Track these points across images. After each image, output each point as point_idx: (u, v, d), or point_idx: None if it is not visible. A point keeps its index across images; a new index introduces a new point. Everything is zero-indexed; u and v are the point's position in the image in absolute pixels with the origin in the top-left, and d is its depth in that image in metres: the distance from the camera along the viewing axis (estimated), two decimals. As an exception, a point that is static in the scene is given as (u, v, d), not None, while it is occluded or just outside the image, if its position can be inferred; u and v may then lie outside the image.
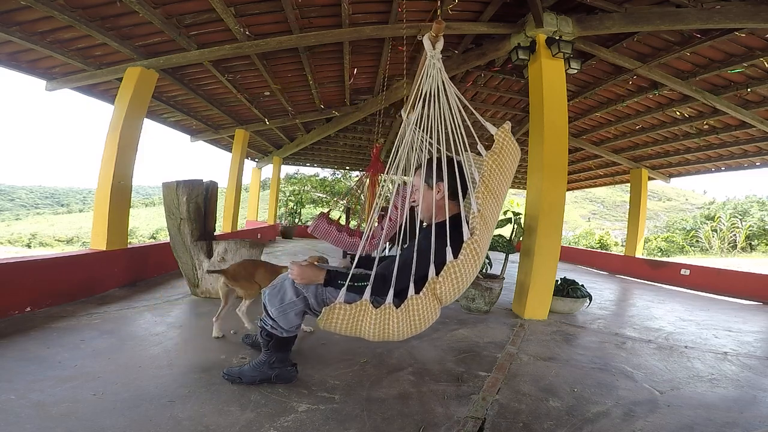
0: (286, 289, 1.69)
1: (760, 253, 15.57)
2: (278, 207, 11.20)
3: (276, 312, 1.69)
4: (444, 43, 1.73)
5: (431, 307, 1.51)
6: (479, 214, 1.48)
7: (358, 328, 1.55)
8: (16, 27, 3.20)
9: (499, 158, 1.55)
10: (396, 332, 1.53)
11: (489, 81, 5.53)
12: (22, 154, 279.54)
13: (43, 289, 2.80)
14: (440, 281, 1.47)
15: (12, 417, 1.44)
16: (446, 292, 1.49)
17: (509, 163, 1.59)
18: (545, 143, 3.49)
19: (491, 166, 1.53)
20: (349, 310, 1.52)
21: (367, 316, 1.51)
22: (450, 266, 1.45)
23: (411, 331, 1.54)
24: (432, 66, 1.68)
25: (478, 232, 1.47)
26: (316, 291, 1.67)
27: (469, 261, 1.46)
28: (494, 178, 1.54)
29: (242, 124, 7.04)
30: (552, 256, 3.48)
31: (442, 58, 1.73)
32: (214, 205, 3.66)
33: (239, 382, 1.81)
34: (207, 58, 4.02)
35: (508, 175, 1.62)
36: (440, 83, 1.66)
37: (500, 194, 1.59)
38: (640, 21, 3.37)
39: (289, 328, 1.72)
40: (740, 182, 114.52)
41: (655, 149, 6.81)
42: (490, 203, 1.53)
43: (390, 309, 1.49)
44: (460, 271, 1.46)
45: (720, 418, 1.81)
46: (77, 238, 26.21)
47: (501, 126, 1.61)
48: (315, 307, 1.68)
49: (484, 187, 1.51)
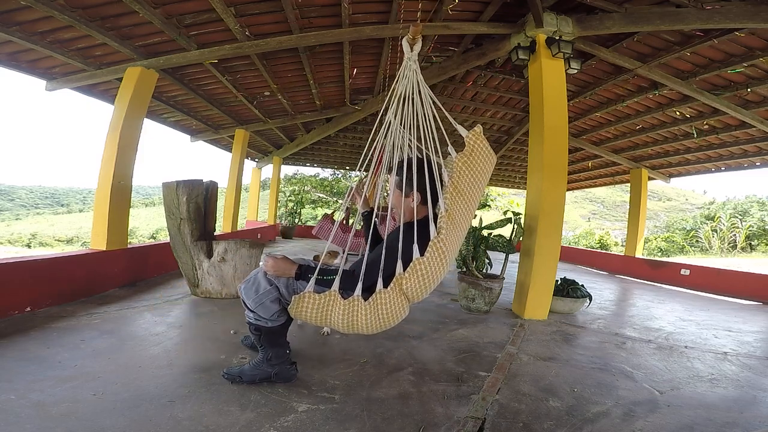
0: (259, 281, 1.75)
1: (760, 253, 15.56)
2: (278, 207, 11.19)
3: (253, 303, 1.73)
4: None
5: (399, 303, 1.56)
6: (447, 215, 1.52)
7: (328, 317, 1.62)
8: (16, 27, 3.20)
9: (469, 160, 1.59)
10: (365, 325, 1.59)
11: (489, 81, 5.53)
12: (22, 154, 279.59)
13: (43, 289, 2.80)
14: (407, 277, 1.53)
15: (12, 417, 1.44)
16: (413, 289, 1.54)
17: (480, 164, 1.62)
18: (545, 143, 3.49)
19: (461, 167, 1.58)
20: (318, 299, 1.59)
21: (336, 306, 1.58)
22: (416, 263, 1.51)
23: (380, 326, 1.60)
24: (408, 68, 1.73)
25: (444, 232, 1.51)
26: (287, 282, 1.74)
27: (435, 259, 1.51)
28: (464, 180, 1.58)
29: (242, 124, 7.04)
30: (552, 256, 3.48)
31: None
32: (214, 205, 3.66)
33: (239, 381, 1.81)
34: (207, 58, 4.02)
35: (481, 177, 1.65)
36: (416, 84, 1.71)
37: (471, 196, 1.63)
38: (640, 21, 3.37)
39: (270, 316, 1.75)
40: (740, 182, 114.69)
41: (655, 149, 6.81)
42: (459, 205, 1.57)
43: (358, 301, 1.56)
44: (425, 269, 1.51)
45: (720, 418, 1.81)
46: (77, 238, 26.21)
47: (472, 128, 1.63)
48: (285, 296, 1.73)
49: (453, 189, 1.56)
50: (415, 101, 1.70)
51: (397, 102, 1.74)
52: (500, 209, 13.79)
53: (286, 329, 1.90)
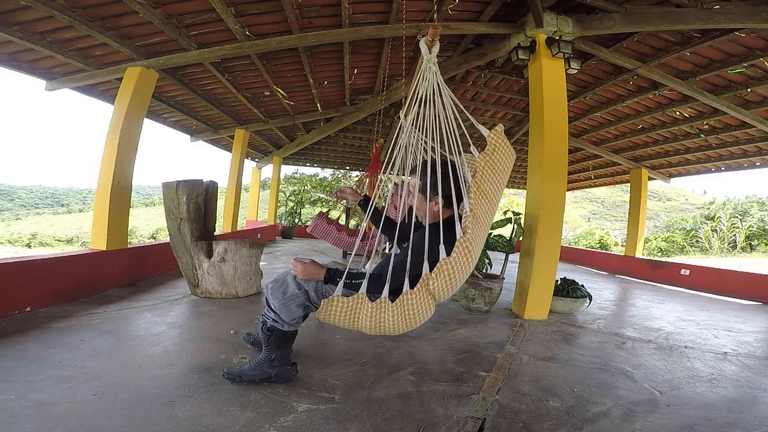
0: (288, 283, 1.76)
1: (760, 253, 15.54)
2: (278, 207, 11.19)
3: (278, 305, 1.73)
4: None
5: (425, 303, 1.56)
6: (471, 214, 1.54)
7: (356, 320, 1.62)
8: (16, 27, 3.20)
9: (492, 160, 1.59)
10: (392, 326, 1.59)
11: (489, 81, 5.52)
12: (22, 154, 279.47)
13: (43, 289, 2.80)
14: (433, 277, 1.53)
15: (12, 417, 1.44)
16: (439, 289, 1.54)
17: (502, 164, 1.63)
18: (545, 143, 3.49)
19: (483, 167, 1.58)
20: (346, 302, 1.59)
21: (364, 308, 1.59)
22: (443, 263, 1.51)
23: (406, 326, 1.61)
24: (428, 69, 1.73)
25: (470, 232, 1.52)
26: (317, 286, 1.75)
27: (462, 259, 1.51)
28: (486, 180, 1.58)
29: (242, 124, 7.03)
30: (552, 256, 3.48)
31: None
32: (214, 205, 3.66)
33: (239, 381, 1.81)
34: (207, 58, 4.02)
35: (502, 176, 1.66)
36: (436, 86, 1.71)
37: (493, 195, 1.64)
38: (640, 21, 3.37)
39: (291, 320, 1.75)
40: (740, 182, 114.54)
41: (655, 149, 6.81)
42: (483, 204, 1.58)
43: (386, 302, 1.56)
44: (452, 269, 1.51)
45: (720, 418, 1.81)
46: (77, 238, 26.21)
47: (493, 128, 1.64)
48: (315, 300, 1.75)
49: (476, 188, 1.56)
50: (436, 103, 1.71)
51: (418, 104, 1.74)
52: (500, 209, 13.79)
53: (296, 334, 1.91)
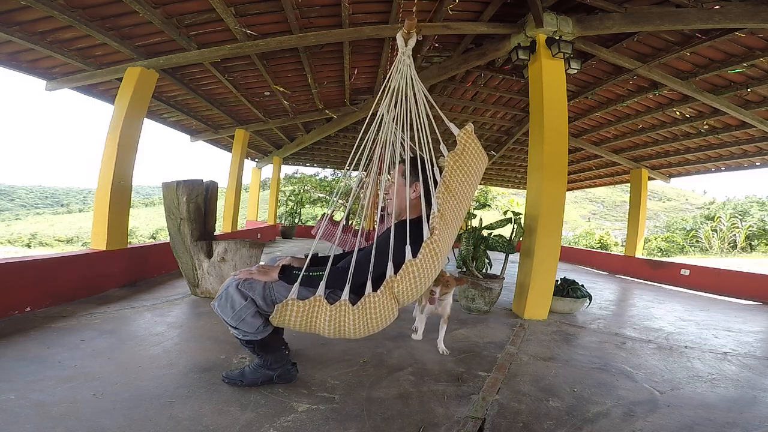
0: (232, 296, 1.61)
1: (760, 253, 15.54)
2: (278, 207, 11.19)
3: (233, 321, 1.61)
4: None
5: (389, 306, 1.51)
6: (439, 215, 1.49)
7: (312, 324, 1.56)
8: (16, 27, 3.20)
9: (461, 159, 1.55)
10: (352, 330, 1.54)
11: (489, 81, 5.52)
12: (22, 154, 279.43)
13: (43, 289, 2.80)
14: (398, 280, 1.48)
15: (12, 417, 1.44)
16: (404, 291, 1.50)
17: (472, 164, 1.58)
18: (545, 143, 3.49)
19: (452, 167, 1.54)
20: (302, 306, 1.53)
21: (322, 312, 1.52)
22: (408, 265, 1.47)
23: (367, 330, 1.55)
24: (402, 62, 1.69)
25: (438, 232, 1.47)
26: (264, 292, 1.61)
27: (428, 260, 1.47)
28: (455, 179, 1.54)
29: (242, 124, 7.04)
30: (552, 256, 3.48)
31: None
32: (214, 205, 3.66)
33: (241, 384, 1.79)
34: (207, 58, 4.02)
35: (472, 177, 1.61)
36: (409, 79, 1.67)
37: (462, 195, 1.59)
38: (640, 21, 3.37)
39: (255, 330, 1.64)
40: (740, 182, 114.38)
41: (655, 149, 6.81)
42: (451, 204, 1.53)
43: (346, 306, 1.50)
44: (418, 271, 1.47)
45: (720, 418, 1.81)
46: (77, 238, 26.20)
47: (464, 127, 1.60)
48: (264, 307, 1.61)
49: (444, 188, 1.52)
50: (408, 97, 1.66)
51: (390, 96, 1.70)
52: (500, 209, 13.79)
53: (281, 333, 1.86)
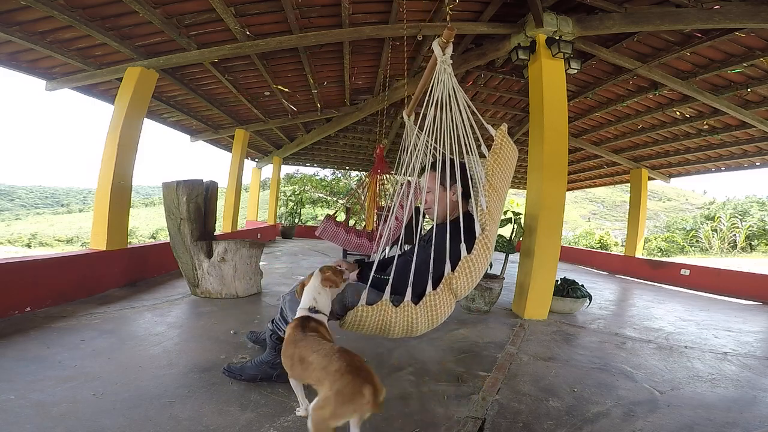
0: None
1: (760, 253, 15.54)
2: (278, 207, 11.19)
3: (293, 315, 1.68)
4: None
5: (447, 301, 1.61)
6: (487, 211, 1.59)
7: (382, 327, 1.63)
8: (16, 27, 3.20)
9: (499, 157, 1.67)
10: (417, 327, 1.63)
11: (489, 81, 5.53)
12: (22, 154, 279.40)
13: (43, 289, 2.80)
14: (456, 276, 1.57)
15: (12, 417, 1.44)
16: (461, 286, 1.59)
17: (508, 161, 1.70)
18: (545, 143, 3.49)
19: (493, 165, 1.65)
20: (371, 311, 1.60)
21: (388, 315, 1.60)
22: (465, 261, 1.56)
23: (430, 325, 1.65)
24: (443, 71, 1.75)
25: (488, 228, 1.58)
26: (342, 297, 1.69)
27: (481, 255, 1.57)
28: (496, 177, 1.65)
29: (242, 124, 7.03)
30: (552, 256, 3.48)
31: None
32: (214, 205, 3.66)
33: (240, 378, 1.81)
34: (207, 58, 4.02)
35: (508, 173, 1.72)
36: (451, 89, 1.74)
37: (502, 192, 1.70)
38: (640, 21, 3.37)
39: None
40: (740, 182, 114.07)
41: (655, 149, 6.81)
42: (495, 200, 1.64)
43: (409, 306, 1.59)
44: (473, 265, 1.56)
45: (720, 418, 1.81)
46: (77, 238, 26.21)
47: (498, 127, 1.71)
48: (338, 311, 1.68)
49: (489, 186, 1.63)
50: (452, 106, 1.74)
51: (434, 107, 1.77)
52: (500, 209, 13.73)
53: None
